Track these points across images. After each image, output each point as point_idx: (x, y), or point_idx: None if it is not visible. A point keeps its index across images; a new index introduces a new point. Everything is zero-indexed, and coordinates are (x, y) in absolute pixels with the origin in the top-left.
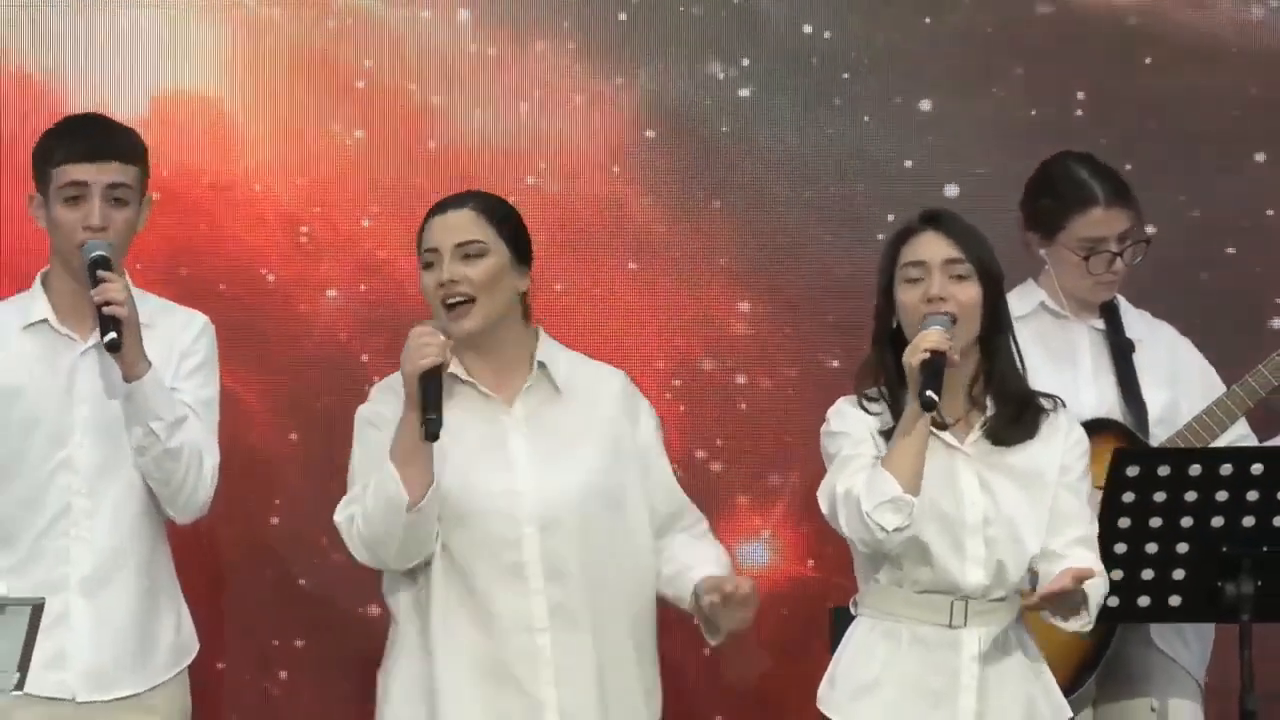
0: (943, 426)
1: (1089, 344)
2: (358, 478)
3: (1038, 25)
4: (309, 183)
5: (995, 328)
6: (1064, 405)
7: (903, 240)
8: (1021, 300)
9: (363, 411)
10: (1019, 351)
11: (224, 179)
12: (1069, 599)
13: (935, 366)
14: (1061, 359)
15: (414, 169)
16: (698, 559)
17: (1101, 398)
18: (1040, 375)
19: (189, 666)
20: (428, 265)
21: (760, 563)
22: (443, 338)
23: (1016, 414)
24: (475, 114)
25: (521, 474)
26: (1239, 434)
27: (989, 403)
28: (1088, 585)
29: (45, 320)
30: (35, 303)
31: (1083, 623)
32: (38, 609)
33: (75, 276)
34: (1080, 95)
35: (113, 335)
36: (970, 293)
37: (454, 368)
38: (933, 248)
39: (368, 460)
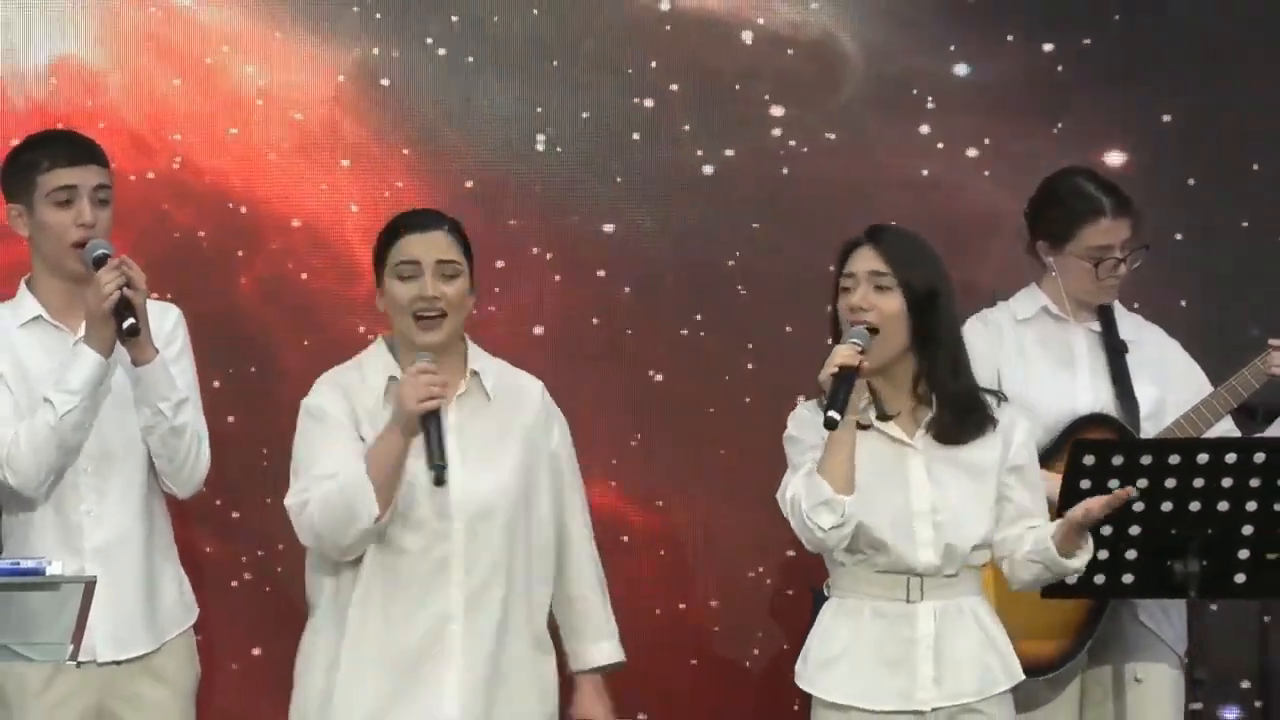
0: (886, 418)
1: (1086, 345)
2: (303, 466)
3: None
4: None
5: (925, 337)
6: (1006, 400)
7: (845, 253)
8: (1024, 303)
9: (306, 403)
10: (965, 357)
11: (324, 225)
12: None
13: (844, 380)
14: (1061, 358)
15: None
16: (588, 633)
17: (1097, 394)
18: (1041, 372)
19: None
20: (405, 277)
21: None
22: (443, 377)
23: (957, 416)
24: (587, 163)
25: (452, 475)
26: (1224, 428)
27: (933, 401)
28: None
29: (39, 316)
30: (24, 304)
31: (1080, 564)
32: (90, 586)
33: (65, 276)
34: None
35: (132, 321)
36: (891, 304)
37: (395, 370)
38: (862, 261)
39: (310, 450)
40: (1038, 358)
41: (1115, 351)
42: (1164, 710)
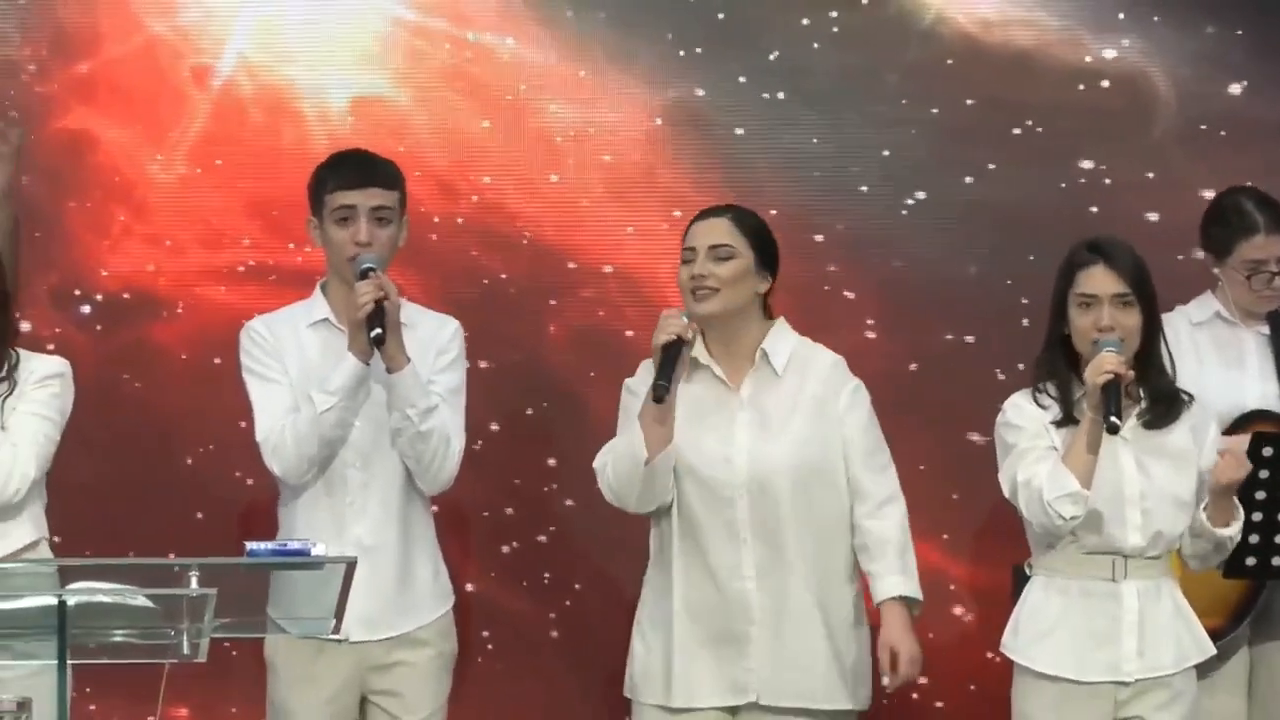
0: (1115, 431)
1: (1255, 347)
2: (618, 433)
3: None
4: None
5: (1150, 340)
6: (1194, 399)
7: (1076, 269)
8: (1200, 308)
9: (627, 381)
10: (1169, 354)
11: (640, 273)
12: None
13: (1116, 387)
14: (1231, 358)
15: (831, 260)
16: (880, 553)
17: (1264, 392)
18: (1213, 371)
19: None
20: (685, 261)
21: None
22: (686, 320)
23: (1165, 406)
24: (899, 202)
25: (739, 446)
26: None
27: (1142, 395)
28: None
29: (326, 319)
30: (316, 305)
31: (1234, 531)
32: (351, 566)
33: (347, 285)
34: None
35: (378, 331)
36: (1134, 320)
37: (698, 351)
38: (1103, 283)
39: (622, 419)
40: (1211, 358)
41: None
42: None
